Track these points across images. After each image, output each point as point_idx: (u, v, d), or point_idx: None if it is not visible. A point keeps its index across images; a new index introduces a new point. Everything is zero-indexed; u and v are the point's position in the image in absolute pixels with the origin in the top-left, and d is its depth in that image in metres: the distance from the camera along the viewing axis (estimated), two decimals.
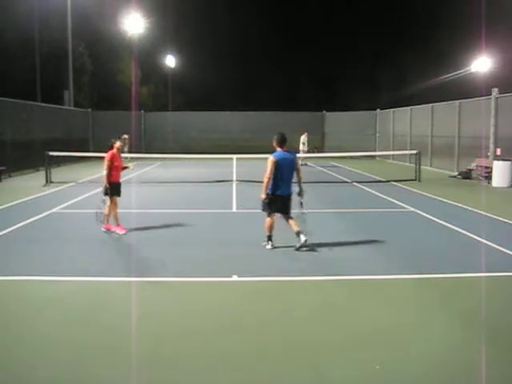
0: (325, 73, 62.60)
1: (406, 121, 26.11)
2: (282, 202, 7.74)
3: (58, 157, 17.92)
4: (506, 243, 8.04)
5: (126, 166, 9.47)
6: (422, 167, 17.87)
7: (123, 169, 9.28)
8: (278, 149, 7.79)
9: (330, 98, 52.74)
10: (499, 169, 15.73)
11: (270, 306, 5.50)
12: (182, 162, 24.77)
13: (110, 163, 8.83)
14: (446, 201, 12.75)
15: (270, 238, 7.87)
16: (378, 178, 18.24)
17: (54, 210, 11.17)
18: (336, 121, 32.14)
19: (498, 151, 17.02)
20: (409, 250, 7.90)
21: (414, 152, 18.16)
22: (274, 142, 7.83)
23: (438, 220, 10.11)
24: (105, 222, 8.95)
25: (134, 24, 35.76)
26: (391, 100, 40.03)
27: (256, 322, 5.09)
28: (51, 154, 16.61)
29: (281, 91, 62.84)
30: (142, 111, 32.59)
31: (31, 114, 21.82)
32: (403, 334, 4.84)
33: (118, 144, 9.00)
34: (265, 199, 7.70)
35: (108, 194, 8.83)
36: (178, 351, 4.43)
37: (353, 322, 5.08)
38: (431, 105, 23.17)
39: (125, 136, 21.06)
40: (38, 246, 8.04)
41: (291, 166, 7.74)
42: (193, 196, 14.05)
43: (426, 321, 5.11)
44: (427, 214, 10.78)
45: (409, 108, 26.01)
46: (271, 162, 7.62)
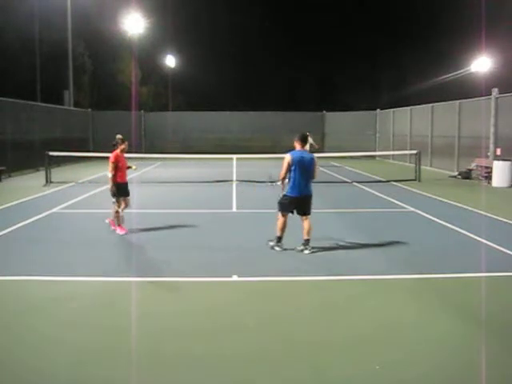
0: (325, 73, 62.61)
1: (405, 121, 26.10)
2: (299, 202, 7.52)
3: (57, 157, 17.90)
4: (506, 243, 8.04)
5: (129, 166, 9.46)
6: (421, 167, 17.86)
7: (127, 169, 9.26)
8: (298, 147, 7.59)
9: (330, 98, 52.74)
10: (499, 169, 15.73)
11: (270, 306, 5.50)
12: (182, 161, 24.75)
13: (115, 165, 8.76)
14: (445, 201, 12.75)
15: (279, 239, 7.66)
16: (378, 178, 18.24)
17: (53, 210, 11.17)
18: (336, 121, 32.10)
19: (498, 151, 17.02)
20: (409, 250, 7.89)
21: (414, 152, 18.15)
22: (295, 140, 7.61)
23: (437, 220, 10.11)
24: (115, 221, 8.87)
25: (134, 24, 35.72)
26: (391, 100, 40.05)
27: (256, 322, 5.09)
28: (51, 153, 16.60)
29: (281, 91, 62.83)
30: (142, 111, 32.56)
31: (31, 113, 21.81)
32: (403, 333, 4.84)
33: (122, 146, 8.90)
34: (282, 199, 7.56)
35: (116, 196, 8.77)
36: (178, 351, 4.43)
37: (353, 322, 5.08)
38: (431, 105, 23.17)
39: (118, 136, 20.98)
40: (38, 245, 8.04)
41: (309, 165, 7.51)
42: (193, 196, 14.05)
43: (426, 321, 5.11)
44: (427, 214, 10.78)
45: (409, 108, 26.00)
46: (286, 162, 7.44)
